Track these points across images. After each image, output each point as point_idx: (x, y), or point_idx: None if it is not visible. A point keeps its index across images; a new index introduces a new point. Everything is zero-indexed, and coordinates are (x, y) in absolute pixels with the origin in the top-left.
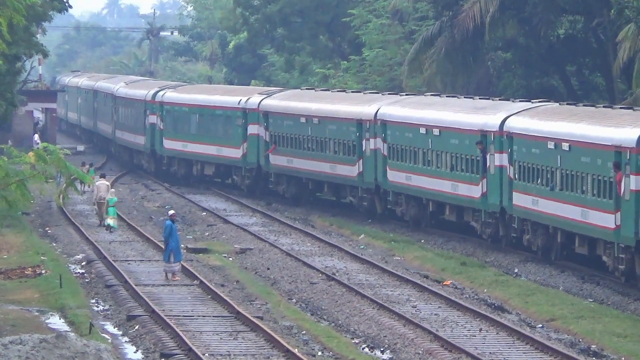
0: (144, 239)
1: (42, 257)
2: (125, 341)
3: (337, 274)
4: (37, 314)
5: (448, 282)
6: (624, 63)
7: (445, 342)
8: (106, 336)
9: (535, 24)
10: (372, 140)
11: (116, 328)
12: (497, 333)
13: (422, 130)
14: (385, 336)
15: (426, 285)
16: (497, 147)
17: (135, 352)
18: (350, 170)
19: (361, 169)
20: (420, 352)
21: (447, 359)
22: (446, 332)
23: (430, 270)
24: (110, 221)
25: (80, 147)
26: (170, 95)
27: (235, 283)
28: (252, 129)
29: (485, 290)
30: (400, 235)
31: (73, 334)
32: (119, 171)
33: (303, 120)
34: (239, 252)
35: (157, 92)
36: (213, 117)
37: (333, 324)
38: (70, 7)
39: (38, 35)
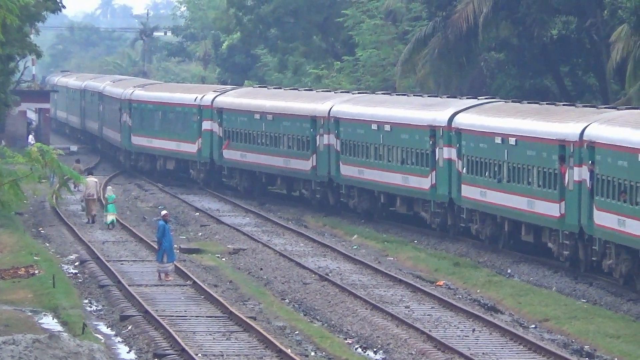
0: (137, 239)
1: (35, 257)
2: (118, 341)
3: (330, 275)
4: (30, 314)
5: (441, 283)
6: (617, 63)
7: (438, 343)
8: (99, 336)
9: (529, 24)
10: (325, 136)
11: (109, 328)
12: (490, 333)
13: (374, 127)
14: (378, 336)
15: (419, 286)
16: (445, 142)
17: (128, 352)
18: (304, 165)
19: (315, 164)
20: (413, 352)
21: None
22: (439, 333)
23: (424, 271)
24: (111, 217)
25: (74, 147)
26: (138, 94)
27: (228, 283)
28: (206, 125)
29: (478, 291)
30: (394, 236)
31: (66, 334)
32: (111, 171)
33: (257, 116)
34: (232, 253)
35: (129, 90)
36: (173, 114)
37: (326, 324)
38: (64, 7)
39: (31, 36)
